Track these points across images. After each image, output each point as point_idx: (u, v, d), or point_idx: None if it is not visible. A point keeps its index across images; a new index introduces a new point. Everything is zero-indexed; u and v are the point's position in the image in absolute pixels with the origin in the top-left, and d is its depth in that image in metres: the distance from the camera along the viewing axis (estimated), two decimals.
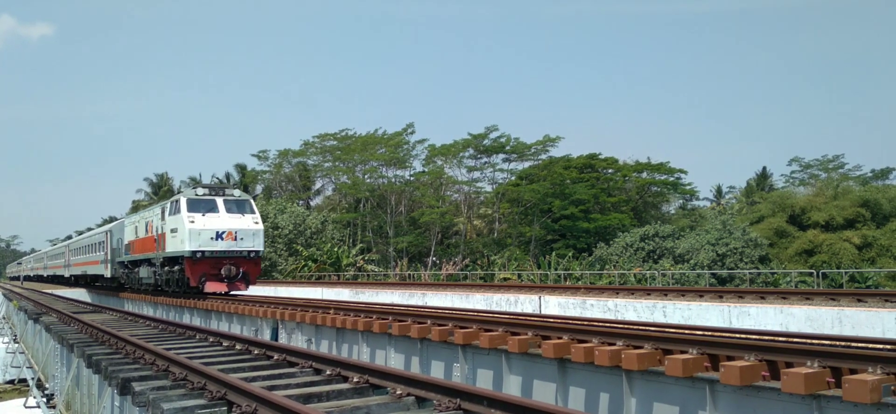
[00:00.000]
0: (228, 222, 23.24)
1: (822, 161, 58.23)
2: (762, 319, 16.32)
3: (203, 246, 22.68)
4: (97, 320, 17.55)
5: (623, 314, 19.51)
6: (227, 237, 22.98)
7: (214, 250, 22.81)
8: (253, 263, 23.63)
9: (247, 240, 23.34)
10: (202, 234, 22.67)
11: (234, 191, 24.90)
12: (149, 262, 27.86)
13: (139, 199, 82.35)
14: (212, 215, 23.22)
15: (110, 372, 9.64)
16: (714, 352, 7.46)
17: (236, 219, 23.49)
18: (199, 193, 23.95)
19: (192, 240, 22.55)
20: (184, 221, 22.86)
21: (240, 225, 23.31)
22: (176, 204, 24.01)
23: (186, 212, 23.04)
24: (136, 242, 29.99)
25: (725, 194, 71.23)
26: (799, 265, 41.43)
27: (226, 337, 12.81)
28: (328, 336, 14.51)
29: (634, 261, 43.52)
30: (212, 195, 24.06)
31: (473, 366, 10.43)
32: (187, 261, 22.78)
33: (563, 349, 8.73)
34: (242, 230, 23.26)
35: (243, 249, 23.22)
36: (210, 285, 22.75)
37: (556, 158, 59.95)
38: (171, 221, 24.13)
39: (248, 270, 23.42)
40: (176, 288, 24.67)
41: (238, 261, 23.20)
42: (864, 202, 45.36)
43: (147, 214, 28.88)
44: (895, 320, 14.07)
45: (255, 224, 23.80)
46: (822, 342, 7.76)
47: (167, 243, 24.46)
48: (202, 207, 23.40)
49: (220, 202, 23.75)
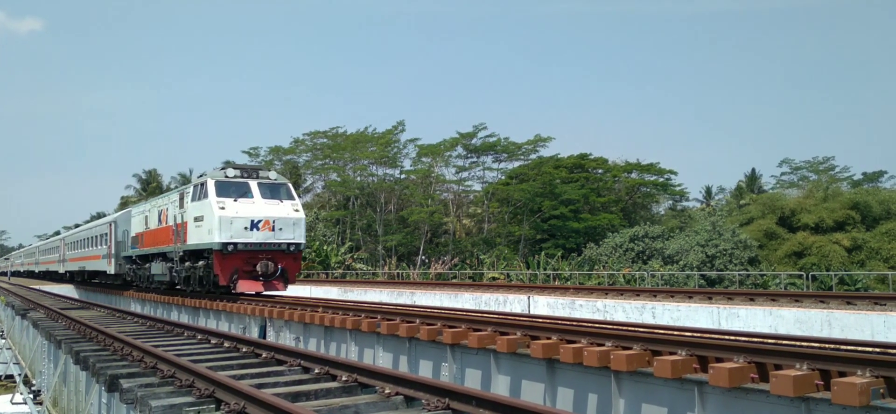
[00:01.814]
0: (264, 209, 19.90)
1: (812, 163, 58.62)
2: (751, 320, 16.38)
3: (236, 237, 19.25)
4: (85, 317, 17.44)
5: (612, 315, 19.54)
6: (263, 227, 19.62)
7: (249, 242, 19.38)
8: (293, 257, 20.32)
9: (286, 230, 19.98)
10: (234, 222, 19.26)
11: (269, 172, 21.23)
12: (163, 256, 24.59)
13: (128, 195, 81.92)
14: (245, 201, 19.85)
15: (98, 369, 9.58)
16: (703, 353, 7.46)
17: (273, 205, 20.14)
18: (230, 175, 20.27)
19: (222, 230, 19.14)
20: (212, 208, 19.47)
21: (278, 212, 20.00)
22: (201, 187, 20.53)
23: (215, 196, 19.62)
24: (147, 233, 26.79)
25: (715, 196, 71.54)
26: (788, 267, 41.63)
27: (214, 334, 12.75)
28: (316, 335, 14.46)
29: (624, 261, 43.63)
30: (244, 177, 20.49)
31: (462, 365, 10.41)
32: (216, 255, 19.33)
33: (552, 350, 8.72)
34: (281, 219, 19.92)
35: (282, 241, 19.85)
36: (243, 284, 19.48)
37: (546, 158, 60.05)
38: (194, 208, 20.85)
39: (286, 267, 20.08)
40: (197, 287, 21.51)
41: (275, 255, 19.91)
42: (854, 205, 45.61)
43: (160, 202, 25.68)
44: (884, 323, 14.15)
45: (295, 212, 20.39)
46: (812, 345, 7.77)
47: (189, 234, 21.15)
48: (233, 190, 20.05)
49: (253, 186, 20.31)
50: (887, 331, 14.01)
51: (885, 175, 57.28)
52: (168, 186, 76.79)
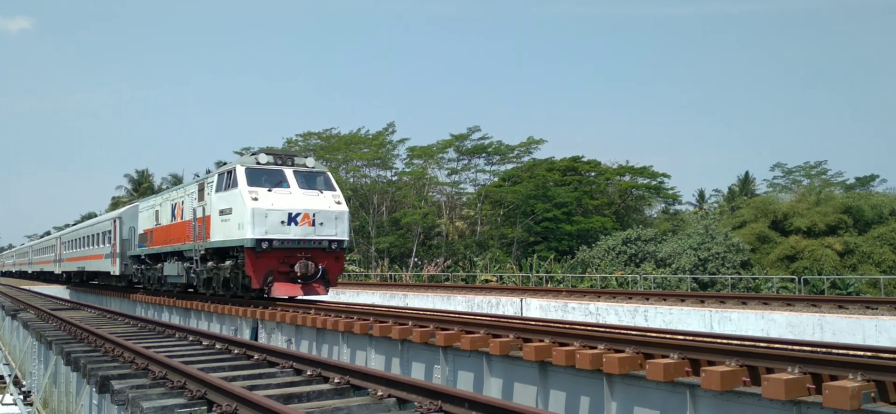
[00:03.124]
0: (303, 201, 17.42)
1: (804, 167, 58.78)
2: (743, 324, 16.43)
3: (271, 233, 16.76)
4: (76, 317, 17.37)
5: (604, 318, 19.58)
6: (302, 221, 17.15)
7: (286, 239, 16.91)
8: (334, 257, 17.81)
9: (327, 225, 17.51)
10: (269, 216, 16.80)
11: (306, 158, 18.77)
12: (179, 255, 22.01)
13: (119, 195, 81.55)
14: (281, 191, 17.41)
15: (89, 370, 9.56)
16: (695, 357, 7.46)
17: (313, 196, 17.71)
18: (262, 161, 17.90)
19: (256, 224, 16.64)
20: (243, 199, 16.94)
21: (318, 205, 17.57)
22: (229, 176, 18.12)
23: (246, 186, 17.13)
24: (157, 230, 24.30)
25: (708, 199, 71.74)
26: (781, 271, 41.75)
27: (206, 336, 12.73)
28: (308, 336, 14.44)
29: (616, 264, 43.68)
30: (278, 164, 18.09)
31: (454, 368, 10.40)
32: (248, 253, 16.76)
33: (545, 352, 8.73)
34: (322, 212, 17.49)
35: (323, 238, 17.43)
36: (279, 288, 17.00)
37: (540, 161, 60.11)
38: (219, 200, 18.39)
39: (328, 268, 17.59)
40: (221, 290, 19.03)
41: (316, 254, 17.41)
42: (846, 209, 45.77)
43: (174, 195, 23.18)
44: (876, 327, 14.21)
45: (337, 204, 17.95)
46: (803, 348, 7.79)
47: (213, 230, 18.62)
48: (266, 179, 17.64)
49: (289, 174, 17.91)
50: (878, 335, 14.08)
51: (877, 179, 57.53)
52: (159, 187, 76.37)
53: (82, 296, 36.98)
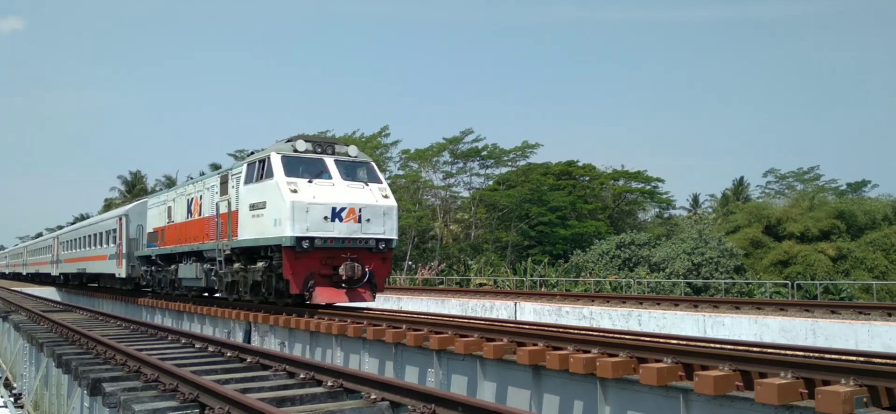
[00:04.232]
0: (347, 194, 15.36)
1: (797, 173, 58.97)
2: (737, 329, 16.47)
3: (313, 230, 14.67)
4: (68, 319, 17.29)
5: (598, 322, 19.59)
6: (347, 217, 15.09)
7: (330, 237, 14.86)
8: (382, 258, 15.81)
9: (375, 222, 15.46)
10: (311, 210, 14.69)
11: (347, 147, 16.67)
12: (197, 255, 19.85)
13: (112, 197, 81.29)
14: (322, 183, 15.34)
15: (80, 372, 9.52)
16: (688, 361, 7.48)
17: (358, 189, 15.65)
18: (300, 149, 15.86)
19: (296, 219, 14.52)
20: (280, 191, 14.83)
21: (364, 198, 15.50)
22: (261, 165, 15.99)
23: (283, 176, 15.09)
24: (170, 228, 22.24)
25: (702, 203, 71.89)
26: (774, 276, 41.87)
27: (198, 339, 12.69)
28: (302, 339, 14.40)
29: (610, 268, 43.73)
30: (318, 152, 16.08)
31: (448, 371, 10.39)
32: (287, 254, 14.67)
33: (538, 356, 8.73)
34: (369, 207, 15.41)
35: (371, 237, 15.40)
36: (322, 293, 14.96)
37: (535, 165, 60.18)
38: (249, 193, 16.29)
39: (375, 270, 15.58)
40: (249, 294, 17.01)
41: (362, 254, 15.38)
42: (839, 214, 45.92)
43: (190, 189, 21.02)
44: (868, 332, 14.26)
45: (385, 198, 15.91)
46: (796, 353, 7.81)
47: (242, 227, 16.54)
48: (304, 168, 15.55)
49: (330, 163, 15.87)
50: (871, 340, 14.13)
51: (868, 185, 57.73)
52: (153, 188, 76.00)
53: (74, 298, 36.77)
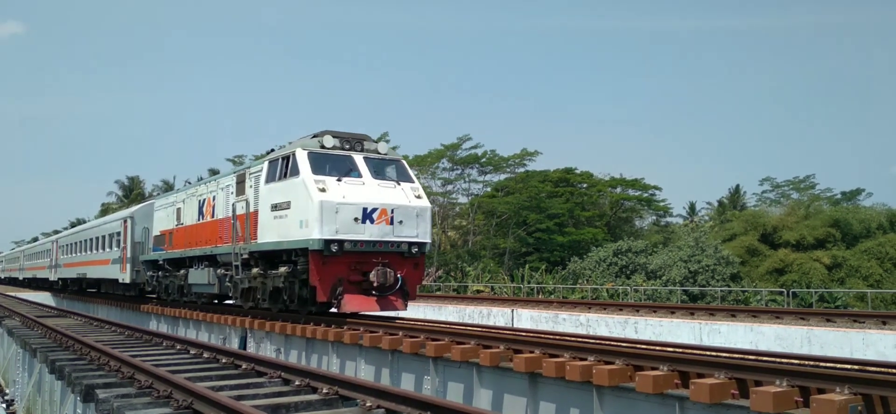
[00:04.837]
0: (379, 194, 14.30)
1: (793, 181, 59.10)
2: (732, 336, 16.47)
3: (343, 232, 13.58)
4: (61, 325, 17.24)
5: (595, 329, 19.57)
6: (378, 218, 14.02)
7: (361, 241, 13.78)
8: (414, 263, 14.73)
9: (407, 224, 14.39)
10: (341, 211, 13.61)
11: (376, 143, 15.59)
12: (210, 260, 18.67)
13: (109, 202, 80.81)
14: (352, 182, 14.30)
15: (73, 378, 9.48)
16: (684, 369, 7.48)
17: (389, 189, 14.60)
18: (327, 145, 14.74)
19: (324, 221, 13.42)
20: (307, 189, 13.75)
21: (397, 198, 14.45)
22: (285, 163, 14.95)
23: (310, 174, 14.00)
24: (180, 231, 21.03)
25: (699, 211, 72.00)
26: (770, 284, 41.88)
27: (193, 345, 12.66)
28: (298, 346, 14.37)
29: (607, 276, 43.73)
30: (346, 148, 14.99)
31: (444, 379, 10.37)
32: (314, 258, 13.56)
33: (535, 363, 8.72)
34: (401, 208, 14.35)
35: (403, 240, 14.33)
36: (351, 301, 13.84)
37: (534, 172, 60.23)
38: (271, 192, 15.24)
39: (407, 277, 14.48)
40: (267, 302, 15.77)
41: (393, 259, 14.33)
42: (834, 222, 46.01)
43: (201, 189, 19.91)
44: (863, 341, 14.27)
45: (418, 199, 14.85)
46: (791, 361, 7.82)
47: (262, 229, 15.45)
48: (331, 166, 14.50)
49: (359, 161, 14.81)
50: (866, 348, 14.13)
51: (862, 193, 57.88)
52: (151, 194, 75.73)
53: (70, 303, 36.60)
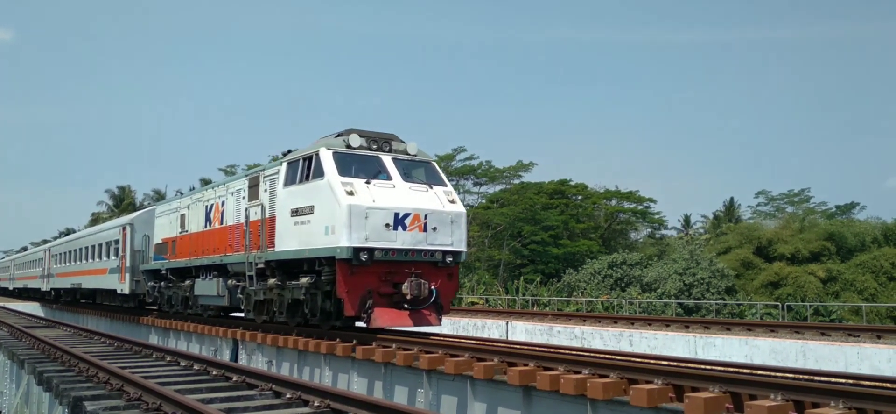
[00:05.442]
0: (411, 198, 13.13)
1: (788, 194, 59.25)
2: (727, 350, 16.41)
3: (373, 239, 12.38)
4: (50, 336, 17.09)
5: (590, 342, 19.51)
6: (410, 225, 12.81)
7: (392, 249, 12.58)
8: (448, 274, 13.55)
9: (441, 231, 13.19)
10: (370, 216, 12.42)
11: (405, 143, 14.33)
12: (219, 269, 17.35)
13: (100, 211, 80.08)
14: (381, 184, 13.10)
15: (62, 390, 9.38)
16: (679, 383, 7.43)
17: (421, 192, 13.42)
18: (353, 144, 13.54)
19: (353, 227, 12.24)
20: (334, 192, 12.56)
21: (430, 203, 13.27)
22: (307, 164, 13.69)
23: (337, 175, 12.81)
24: (184, 238, 19.79)
25: (694, 224, 72.08)
26: (765, 297, 41.88)
27: (184, 356, 12.55)
28: (289, 358, 14.25)
29: (602, 288, 43.70)
30: (374, 149, 13.80)
31: (438, 391, 10.28)
32: (341, 267, 12.35)
33: (529, 376, 8.65)
34: (435, 213, 13.15)
35: (437, 249, 13.12)
36: (383, 315, 12.63)
37: (529, 183, 60.29)
38: (291, 196, 13.99)
39: (440, 289, 13.27)
40: (284, 315, 14.51)
41: (426, 269, 13.13)
42: (829, 236, 46.11)
43: (208, 194, 18.63)
44: (858, 355, 14.23)
45: (452, 203, 13.63)
46: (786, 375, 7.78)
47: (280, 236, 14.15)
48: (358, 167, 13.33)
49: (388, 162, 13.63)
50: (860, 362, 14.10)
51: (857, 207, 58.04)
52: (142, 203, 75.34)
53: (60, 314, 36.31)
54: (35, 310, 38.41)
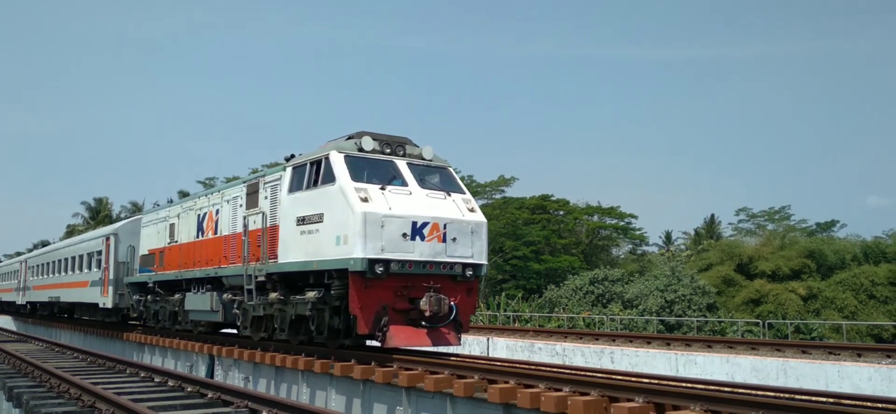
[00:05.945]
0: (428, 206, 12.28)
1: (769, 212, 59.70)
2: (709, 367, 16.40)
3: (389, 250, 11.51)
4: (21, 350, 16.77)
5: (571, 359, 19.44)
6: (429, 235, 11.97)
7: (409, 261, 11.71)
8: (467, 289, 12.71)
9: (461, 242, 12.39)
10: (386, 225, 11.54)
11: (419, 147, 13.58)
12: (213, 283, 16.23)
13: (75, 223, 78.87)
14: (396, 190, 12.21)
15: (32, 406, 9.22)
16: (660, 401, 7.38)
17: (439, 200, 12.61)
18: (366, 147, 12.71)
19: (369, 236, 11.35)
20: (347, 199, 11.67)
21: (449, 212, 12.46)
22: (315, 168, 12.73)
23: (350, 180, 11.95)
24: (173, 249, 18.69)
25: (675, 240, 72.44)
26: (746, 314, 42.05)
27: (158, 372, 12.34)
28: (267, 374, 14.04)
29: (584, 304, 43.71)
30: (386, 153, 12.95)
31: (417, 409, 10.15)
32: (354, 281, 11.44)
33: (510, 394, 8.57)
34: (455, 223, 12.35)
35: (457, 261, 12.29)
36: (399, 333, 11.73)
37: (511, 199, 60.33)
38: (297, 203, 13.03)
39: (459, 305, 12.33)
40: (288, 333, 13.67)
41: (445, 284, 12.25)
42: (809, 253, 46.41)
43: (201, 202, 17.55)
44: (838, 373, 14.26)
45: (471, 212, 12.93)
46: (767, 393, 7.74)
47: (285, 246, 13.14)
48: (371, 172, 12.47)
49: (403, 166, 12.83)
50: (841, 381, 14.12)
51: (837, 224, 58.57)
52: (119, 215, 74.31)
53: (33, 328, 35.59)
54: (7, 323, 37.64)
